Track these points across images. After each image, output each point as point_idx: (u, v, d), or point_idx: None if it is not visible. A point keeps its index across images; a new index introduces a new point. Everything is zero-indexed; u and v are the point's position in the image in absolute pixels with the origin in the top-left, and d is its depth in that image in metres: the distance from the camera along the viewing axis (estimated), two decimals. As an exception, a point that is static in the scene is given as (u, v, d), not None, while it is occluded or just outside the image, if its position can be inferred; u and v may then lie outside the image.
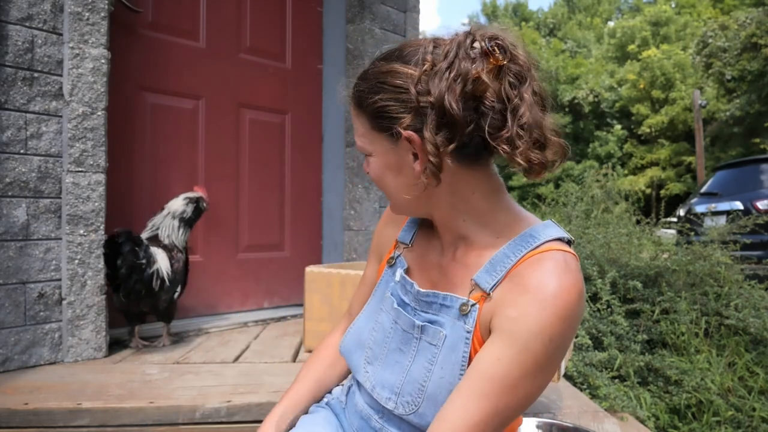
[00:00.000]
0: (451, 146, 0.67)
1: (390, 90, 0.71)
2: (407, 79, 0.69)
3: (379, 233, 0.97)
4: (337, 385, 0.99)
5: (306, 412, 0.94)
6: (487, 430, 0.66)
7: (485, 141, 0.67)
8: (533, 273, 0.68)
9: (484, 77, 0.65)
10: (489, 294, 0.71)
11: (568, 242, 0.74)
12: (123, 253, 1.73)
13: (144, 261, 1.77)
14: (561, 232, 0.73)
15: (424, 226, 0.88)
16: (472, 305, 0.72)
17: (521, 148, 0.66)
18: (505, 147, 0.66)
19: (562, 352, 0.69)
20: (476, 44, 0.66)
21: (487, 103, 0.66)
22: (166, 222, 1.96)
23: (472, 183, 0.74)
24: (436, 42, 0.70)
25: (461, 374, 0.72)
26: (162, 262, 1.86)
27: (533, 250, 0.70)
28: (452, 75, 0.65)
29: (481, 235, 0.76)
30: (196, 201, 2.05)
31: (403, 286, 0.83)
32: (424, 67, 0.67)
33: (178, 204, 2.01)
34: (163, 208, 2.01)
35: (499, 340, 0.67)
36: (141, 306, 1.85)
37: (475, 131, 0.67)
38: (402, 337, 0.80)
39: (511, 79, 0.66)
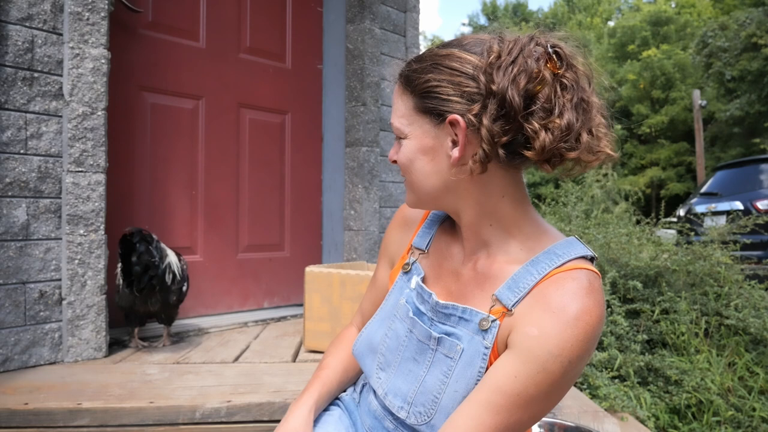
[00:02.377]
0: (505, 138, 0.67)
1: (446, 71, 0.70)
2: (466, 64, 0.69)
3: (389, 237, 0.95)
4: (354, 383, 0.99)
5: (336, 398, 0.95)
6: None
7: (526, 142, 0.67)
8: (556, 292, 0.67)
9: (548, 77, 0.65)
10: (510, 311, 0.70)
11: (591, 259, 0.73)
12: (138, 252, 1.73)
13: (157, 258, 1.78)
14: (585, 250, 0.72)
15: (441, 232, 0.86)
16: (493, 321, 0.71)
17: (560, 152, 0.66)
18: (541, 145, 0.66)
19: (579, 372, 0.68)
20: (539, 48, 0.67)
21: (538, 103, 0.66)
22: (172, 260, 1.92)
23: (503, 185, 0.74)
24: (501, 38, 0.70)
25: None
26: (172, 257, 1.87)
27: (557, 268, 0.70)
28: (516, 69, 0.65)
29: (504, 245, 0.75)
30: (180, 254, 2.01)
31: (420, 294, 0.82)
32: (491, 58, 0.67)
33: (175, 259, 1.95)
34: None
35: (516, 358, 0.67)
36: (149, 304, 1.84)
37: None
38: (417, 347, 0.79)
39: (560, 86, 0.67)
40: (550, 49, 0.67)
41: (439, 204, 0.78)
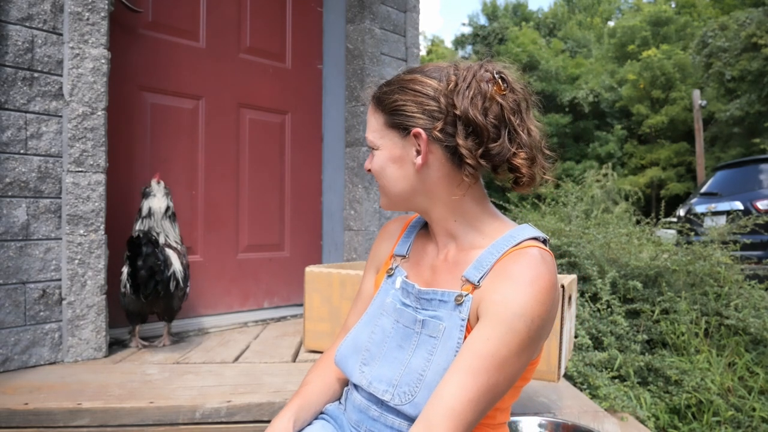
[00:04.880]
0: (481, 150, 0.79)
1: (410, 93, 0.84)
2: (427, 87, 0.83)
3: (374, 250, 1.05)
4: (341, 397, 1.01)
5: (319, 412, 0.97)
6: (479, 405, 0.73)
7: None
8: (513, 264, 0.79)
9: (497, 97, 0.79)
10: (478, 284, 0.81)
11: (544, 241, 0.85)
12: (144, 255, 1.72)
13: (162, 262, 1.77)
14: (537, 233, 0.85)
15: (419, 238, 0.97)
16: (465, 296, 0.81)
17: (516, 162, 0.81)
18: (498, 159, 0.80)
19: (543, 334, 0.78)
20: (486, 74, 0.81)
21: (491, 119, 0.79)
22: (162, 224, 1.91)
23: (464, 186, 0.85)
24: (456, 67, 0.84)
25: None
26: (176, 263, 1.86)
27: (513, 247, 0.82)
28: (472, 93, 0.79)
29: (469, 236, 0.87)
30: (168, 190, 1.98)
31: (405, 289, 0.90)
32: (450, 85, 0.80)
33: (164, 203, 1.93)
34: (144, 210, 1.90)
35: (487, 322, 0.76)
36: (155, 307, 1.86)
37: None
38: (403, 333, 0.86)
39: (511, 105, 0.80)
40: (496, 75, 0.81)
41: (410, 204, 0.90)
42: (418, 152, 0.83)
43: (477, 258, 0.83)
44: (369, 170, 0.91)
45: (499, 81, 0.80)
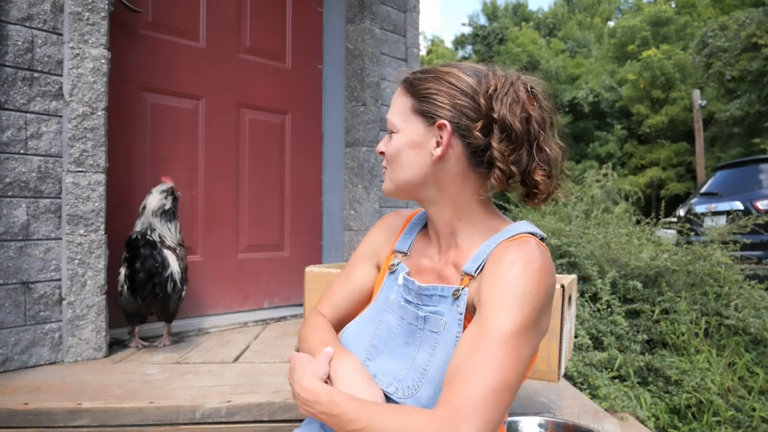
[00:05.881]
0: (513, 156, 0.80)
1: (445, 84, 0.84)
2: (462, 83, 0.84)
3: (373, 238, 1.03)
4: None
5: None
6: (486, 387, 0.69)
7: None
8: (505, 251, 0.80)
9: (529, 109, 0.81)
10: (474, 276, 0.83)
11: (542, 239, 0.86)
12: (142, 257, 1.72)
13: (159, 264, 1.77)
14: (534, 229, 0.86)
15: (420, 237, 0.98)
16: (462, 289, 0.83)
17: (536, 176, 0.83)
18: (520, 168, 0.82)
19: (539, 312, 0.76)
20: (521, 86, 0.83)
21: (525, 127, 0.81)
22: (159, 224, 1.91)
23: (475, 186, 0.87)
24: (494, 72, 0.86)
25: None
26: (173, 265, 1.86)
27: (508, 239, 0.83)
28: (510, 100, 0.80)
29: (471, 237, 0.88)
30: (171, 191, 1.97)
31: (406, 286, 0.91)
32: (489, 89, 0.82)
33: (158, 201, 1.92)
34: (143, 209, 1.92)
35: (480, 305, 0.78)
36: (152, 308, 1.86)
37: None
38: (408, 330, 0.87)
39: (540, 118, 0.83)
40: (529, 88, 0.83)
41: (415, 194, 0.90)
42: (438, 144, 0.84)
43: (475, 252, 0.85)
44: (381, 153, 0.91)
45: (531, 94, 0.83)
